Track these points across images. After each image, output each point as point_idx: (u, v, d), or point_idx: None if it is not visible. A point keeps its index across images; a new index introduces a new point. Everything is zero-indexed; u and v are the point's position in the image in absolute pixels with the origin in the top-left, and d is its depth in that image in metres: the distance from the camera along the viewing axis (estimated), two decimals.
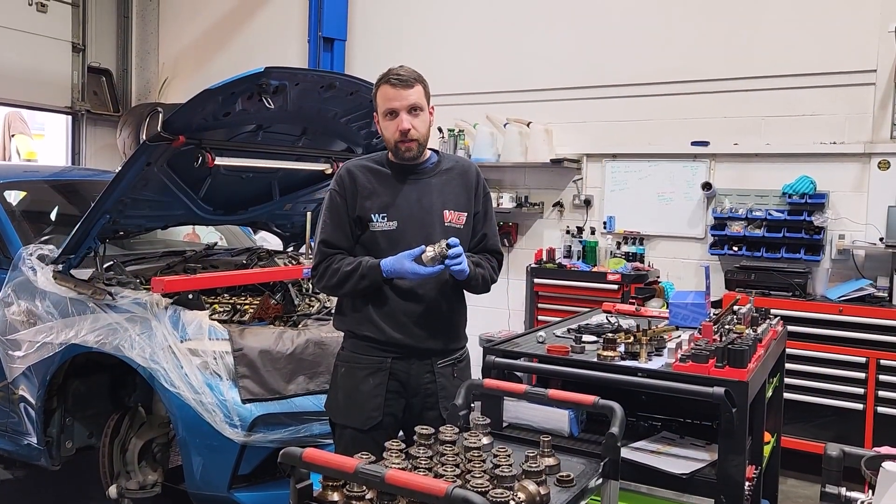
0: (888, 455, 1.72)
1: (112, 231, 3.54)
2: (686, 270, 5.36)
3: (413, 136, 2.37)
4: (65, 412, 3.52)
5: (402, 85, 2.36)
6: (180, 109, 3.09)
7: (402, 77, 2.36)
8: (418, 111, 2.38)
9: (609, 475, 1.88)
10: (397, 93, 2.35)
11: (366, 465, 1.46)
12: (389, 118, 2.38)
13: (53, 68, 7.54)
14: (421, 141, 2.41)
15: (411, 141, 2.38)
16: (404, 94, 2.36)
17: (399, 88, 2.35)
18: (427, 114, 2.43)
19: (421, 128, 2.39)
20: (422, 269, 2.27)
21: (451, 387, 2.41)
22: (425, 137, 2.43)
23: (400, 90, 2.35)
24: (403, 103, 2.36)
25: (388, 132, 2.41)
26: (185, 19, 7.98)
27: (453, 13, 6.28)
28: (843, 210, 4.81)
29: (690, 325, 2.89)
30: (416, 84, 2.38)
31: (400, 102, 2.36)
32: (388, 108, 2.38)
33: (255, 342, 3.05)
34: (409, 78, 2.37)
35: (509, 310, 5.89)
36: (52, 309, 3.38)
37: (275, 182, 4.09)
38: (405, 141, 2.38)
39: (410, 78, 2.37)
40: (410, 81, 2.36)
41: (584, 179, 5.74)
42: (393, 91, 2.36)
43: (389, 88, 2.36)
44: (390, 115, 2.38)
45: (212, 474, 2.97)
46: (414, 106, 2.37)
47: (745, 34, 5.11)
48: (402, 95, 2.36)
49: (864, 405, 4.31)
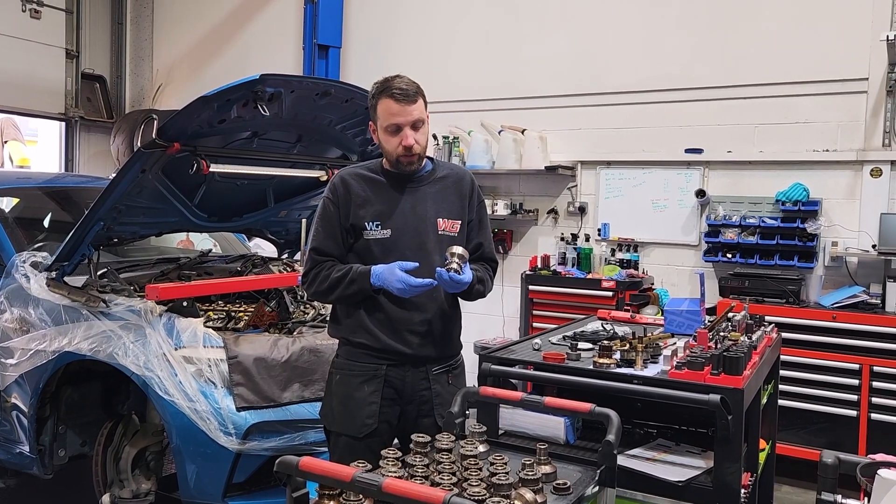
0: (883, 462, 1.72)
1: (106, 238, 3.53)
2: (680, 277, 5.38)
3: (416, 150, 2.36)
4: (57, 420, 3.50)
5: (406, 100, 2.31)
6: (175, 116, 3.08)
7: (406, 92, 2.31)
8: (420, 125, 2.36)
9: (605, 483, 1.88)
10: (402, 108, 2.31)
11: (362, 474, 1.46)
12: (392, 132, 2.35)
13: (47, 74, 7.54)
14: (422, 154, 2.41)
15: (414, 155, 2.37)
16: (408, 110, 2.32)
17: (403, 104, 2.31)
18: (427, 125, 2.41)
19: (423, 141, 2.38)
20: (412, 280, 2.25)
21: (447, 394, 2.41)
22: (425, 149, 2.43)
23: (404, 105, 2.31)
24: (408, 119, 2.33)
25: (389, 146, 2.37)
26: (179, 26, 7.99)
27: (448, 20, 6.30)
28: (836, 217, 4.84)
29: (685, 333, 2.89)
30: (419, 98, 2.35)
31: (404, 118, 2.32)
32: (392, 124, 2.33)
33: (249, 350, 3.05)
34: (412, 92, 2.32)
35: (504, 317, 5.89)
36: (46, 316, 3.37)
37: (269, 189, 4.09)
38: (408, 155, 2.36)
39: (413, 92, 2.33)
40: (413, 96, 2.33)
41: (578, 186, 5.75)
42: (397, 106, 2.31)
43: (393, 103, 2.31)
44: (393, 130, 2.34)
45: (206, 482, 2.95)
46: (417, 121, 2.35)
47: (738, 42, 5.14)
48: (406, 111, 2.32)
49: (858, 412, 4.33)
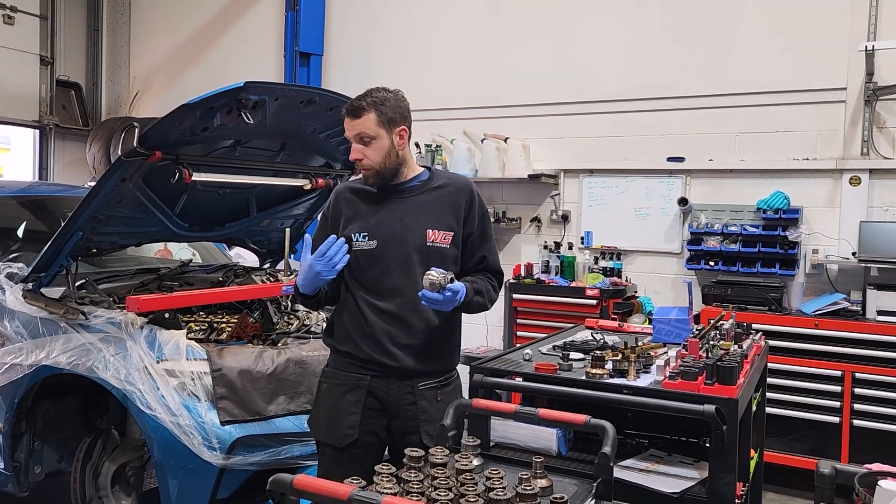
0: (880, 472, 1.72)
1: (85, 248, 3.45)
2: (663, 285, 5.40)
3: (364, 164, 2.38)
4: (34, 436, 3.40)
5: (351, 114, 2.36)
6: (157, 124, 3.03)
7: (352, 106, 2.36)
8: (369, 139, 2.35)
9: (602, 496, 1.85)
10: (348, 122, 2.37)
11: (360, 492, 1.42)
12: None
13: (20, 81, 7.41)
14: (378, 168, 2.38)
15: (366, 169, 2.39)
16: (353, 124, 2.36)
17: (349, 118, 2.36)
18: (383, 140, 2.36)
19: (373, 156, 2.36)
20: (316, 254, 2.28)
21: (434, 411, 2.36)
22: (383, 164, 2.38)
23: (349, 119, 2.37)
24: (351, 132, 2.37)
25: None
26: (157, 33, 7.89)
27: (431, 28, 6.29)
28: (816, 225, 4.89)
29: (674, 341, 2.89)
30: (367, 112, 2.34)
31: (350, 132, 2.38)
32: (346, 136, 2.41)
33: (234, 362, 2.99)
34: (359, 107, 2.34)
35: (487, 325, 5.86)
36: (22, 329, 3.28)
37: (252, 198, 4.02)
38: (360, 168, 2.40)
39: (360, 107, 2.34)
40: (359, 111, 2.34)
41: (561, 195, 5.76)
42: (346, 120, 2.37)
43: (346, 117, 2.38)
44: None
45: (189, 498, 2.88)
46: (362, 135, 2.35)
47: (719, 52, 5.19)
48: (350, 125, 2.37)
49: (841, 418, 4.36)
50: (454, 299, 2.25)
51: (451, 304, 2.27)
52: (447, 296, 2.21)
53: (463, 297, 2.29)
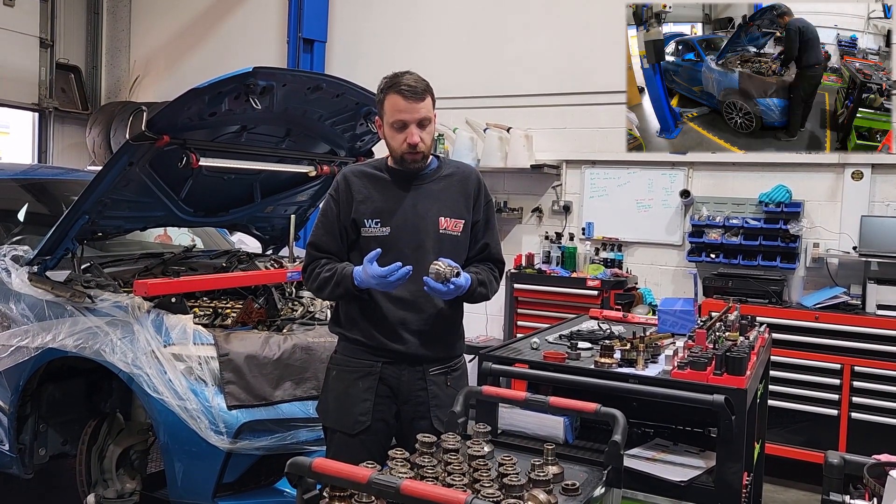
0: (890, 462, 1.74)
1: (91, 232, 3.44)
2: (664, 277, 5.42)
3: (421, 149, 2.34)
4: (38, 418, 3.40)
5: (414, 98, 2.29)
6: (165, 108, 3.02)
7: (414, 89, 2.29)
8: (427, 123, 2.34)
9: (612, 483, 1.87)
10: (409, 105, 2.29)
11: (379, 476, 1.43)
12: (397, 129, 2.33)
13: (20, 64, 7.35)
14: (427, 152, 2.38)
15: (419, 153, 2.35)
16: (416, 108, 2.30)
17: (411, 101, 2.29)
18: (433, 124, 2.39)
19: (428, 140, 2.36)
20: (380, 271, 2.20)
21: (444, 396, 2.39)
22: (430, 148, 2.40)
23: (412, 103, 2.29)
24: (415, 116, 2.31)
25: (394, 142, 2.36)
26: (158, 16, 7.84)
27: (434, 16, 6.27)
28: (817, 219, 4.91)
29: (679, 332, 2.90)
30: (427, 96, 2.33)
31: (411, 115, 2.30)
32: (397, 120, 2.32)
33: (240, 347, 2.99)
34: (420, 89, 2.30)
35: (487, 315, 5.87)
36: (28, 312, 3.27)
37: (257, 184, 4.02)
38: (413, 153, 2.34)
39: (421, 89, 2.31)
40: (422, 94, 2.30)
41: (563, 185, 5.76)
42: (405, 103, 2.29)
43: (401, 100, 2.29)
44: (399, 127, 2.32)
45: (195, 482, 2.89)
46: (424, 119, 2.33)
47: None
48: (413, 108, 2.30)
49: (839, 411, 4.39)
50: (456, 293, 2.27)
51: (452, 296, 2.29)
52: (450, 289, 2.23)
53: (466, 290, 2.31)
